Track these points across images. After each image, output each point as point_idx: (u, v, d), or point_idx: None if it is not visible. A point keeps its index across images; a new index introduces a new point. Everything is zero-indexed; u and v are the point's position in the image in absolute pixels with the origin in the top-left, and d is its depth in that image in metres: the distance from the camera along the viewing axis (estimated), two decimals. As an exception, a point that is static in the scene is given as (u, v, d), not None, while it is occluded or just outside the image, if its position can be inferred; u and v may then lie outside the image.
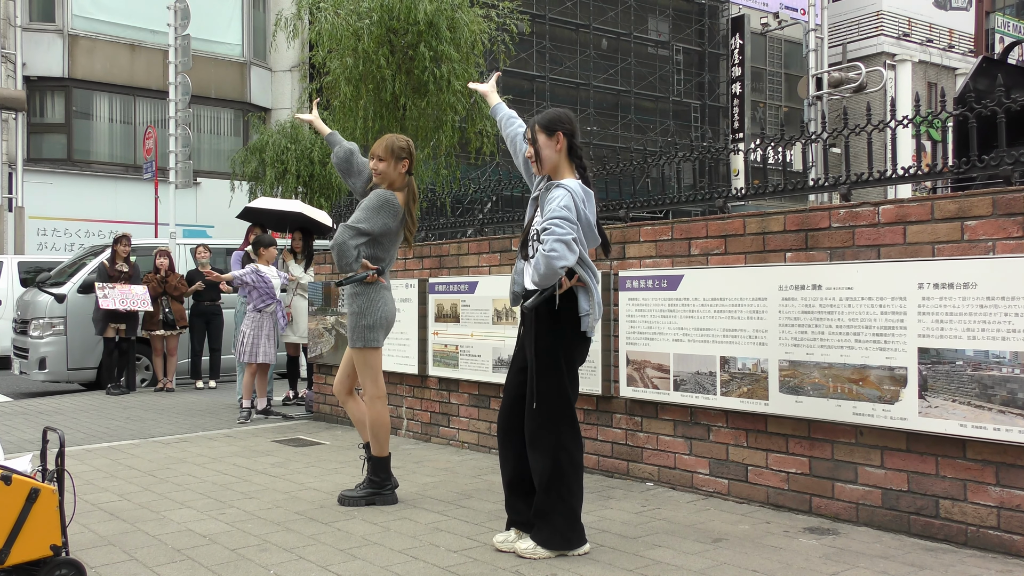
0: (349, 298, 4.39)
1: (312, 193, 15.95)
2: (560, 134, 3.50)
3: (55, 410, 8.29)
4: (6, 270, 13.38)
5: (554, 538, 3.44)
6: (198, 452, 5.93)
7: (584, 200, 3.42)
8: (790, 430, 4.06)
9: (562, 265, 3.27)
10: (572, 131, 3.53)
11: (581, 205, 3.39)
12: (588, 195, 3.46)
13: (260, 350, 7.42)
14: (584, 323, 3.45)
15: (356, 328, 4.33)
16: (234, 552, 3.59)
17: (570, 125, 3.54)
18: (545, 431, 3.44)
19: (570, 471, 3.45)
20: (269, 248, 7.69)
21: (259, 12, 21.05)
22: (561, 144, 3.50)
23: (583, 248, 3.44)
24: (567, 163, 3.54)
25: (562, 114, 3.57)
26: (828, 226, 3.98)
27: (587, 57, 25.49)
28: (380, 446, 4.38)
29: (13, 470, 2.87)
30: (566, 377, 3.49)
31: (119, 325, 9.55)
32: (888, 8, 28.89)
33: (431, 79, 12.76)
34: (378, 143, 4.37)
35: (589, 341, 3.56)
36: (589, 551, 3.47)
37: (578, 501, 3.48)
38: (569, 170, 3.54)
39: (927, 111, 4.12)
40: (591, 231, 3.48)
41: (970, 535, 3.47)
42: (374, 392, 4.37)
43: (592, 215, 3.47)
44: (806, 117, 17.18)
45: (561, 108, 3.69)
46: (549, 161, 3.52)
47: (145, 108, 19.40)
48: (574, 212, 3.35)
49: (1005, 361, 3.32)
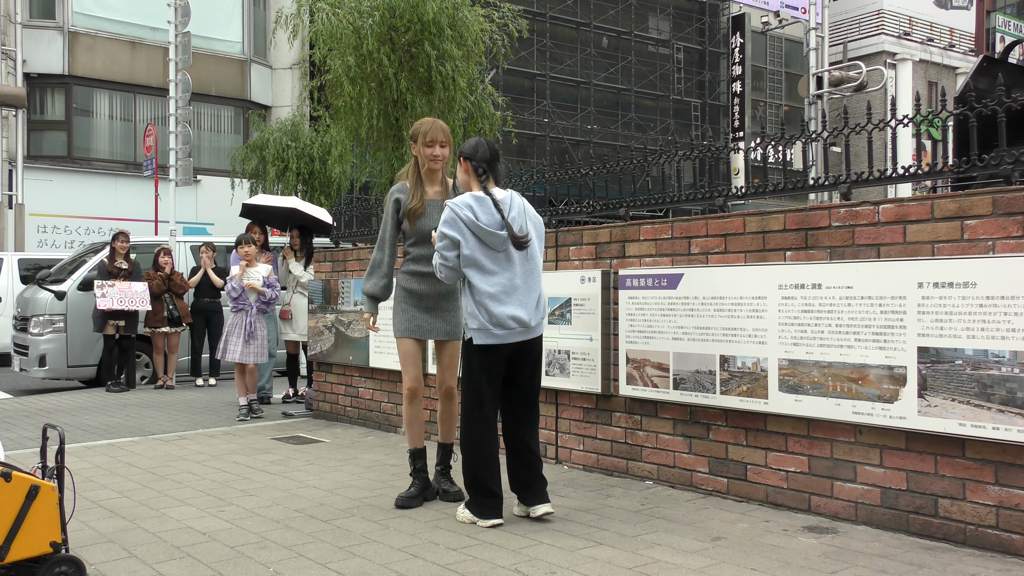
0: (451, 291, 4.43)
1: (312, 191, 15.97)
2: (463, 159, 4.03)
3: (55, 407, 8.30)
4: (6, 267, 13.38)
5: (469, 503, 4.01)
6: (198, 450, 5.93)
7: (471, 206, 3.87)
8: (789, 429, 4.07)
9: (445, 278, 3.97)
10: (470, 155, 4.01)
11: (462, 212, 3.85)
12: (480, 200, 3.90)
13: (228, 347, 7.40)
14: (467, 332, 3.93)
15: (460, 321, 4.35)
16: (234, 549, 3.60)
17: (474, 151, 4.01)
18: (462, 416, 4.07)
19: (471, 455, 4.01)
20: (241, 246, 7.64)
21: (259, 10, 21.04)
22: (466, 166, 4.03)
23: (477, 250, 3.85)
24: (475, 182, 4.00)
25: (467, 143, 4.09)
26: (828, 225, 3.98)
27: (587, 56, 25.49)
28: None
29: (13, 467, 2.87)
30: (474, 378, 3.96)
31: (118, 322, 9.55)
32: (889, 7, 28.88)
33: (436, 77, 12.78)
34: (433, 129, 4.37)
35: (483, 347, 3.90)
36: (493, 526, 3.88)
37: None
38: (476, 186, 3.99)
39: (927, 110, 4.11)
40: (483, 231, 3.85)
41: (969, 534, 3.47)
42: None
43: (488, 216, 3.87)
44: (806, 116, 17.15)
45: (480, 138, 4.26)
46: (463, 183, 4.08)
47: (145, 105, 19.40)
48: (447, 225, 3.87)
49: (1004, 360, 3.32)
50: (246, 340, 7.32)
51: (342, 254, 7.25)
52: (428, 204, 4.40)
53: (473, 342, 3.90)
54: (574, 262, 5.13)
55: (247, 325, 7.34)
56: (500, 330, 3.86)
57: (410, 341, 4.45)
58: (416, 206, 4.39)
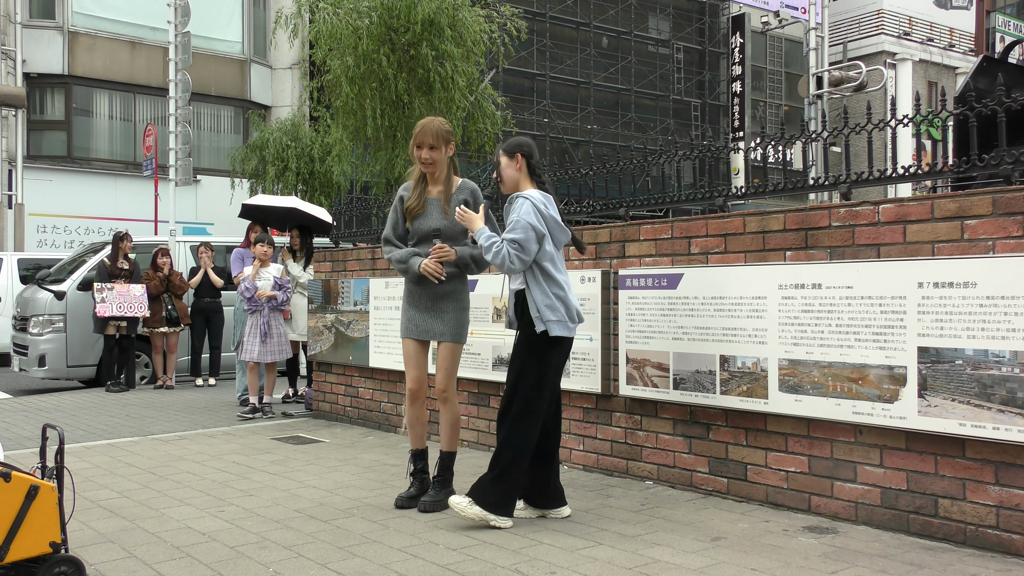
0: (452, 292, 4.33)
1: (312, 191, 15.96)
2: (519, 155, 4.04)
3: (54, 407, 8.29)
4: (6, 267, 13.38)
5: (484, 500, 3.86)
6: (197, 449, 5.93)
7: (545, 203, 3.94)
8: (789, 429, 4.07)
9: (508, 266, 3.85)
10: (530, 153, 4.06)
11: (542, 208, 3.90)
12: (548, 199, 3.99)
13: (246, 348, 7.57)
14: (537, 324, 3.86)
15: (462, 323, 4.33)
16: (233, 550, 3.60)
17: (528, 149, 4.08)
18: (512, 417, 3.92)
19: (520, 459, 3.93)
20: (255, 246, 7.73)
21: (259, 10, 21.03)
22: (520, 164, 4.04)
23: (552, 245, 3.94)
24: (527, 182, 4.04)
25: (522, 140, 4.13)
26: (828, 225, 3.98)
27: (587, 55, 25.48)
28: (456, 439, 4.43)
29: (13, 467, 2.87)
30: (536, 372, 3.92)
31: (119, 322, 9.56)
32: (889, 7, 28.87)
33: (436, 78, 12.79)
34: (422, 131, 4.26)
35: (560, 339, 3.92)
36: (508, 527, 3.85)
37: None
38: (530, 185, 4.04)
39: (927, 110, 4.11)
40: (558, 227, 3.96)
41: (969, 534, 3.47)
42: (455, 387, 4.39)
43: (556, 214, 3.98)
44: (806, 116, 17.14)
45: (524, 136, 4.20)
46: (509, 179, 4.06)
47: (145, 105, 19.39)
48: (534, 216, 3.87)
49: (1004, 360, 3.32)
50: (262, 340, 7.45)
51: (342, 254, 7.25)
52: (428, 204, 4.35)
53: (549, 334, 3.86)
54: (574, 262, 5.13)
55: (261, 325, 7.44)
56: (574, 323, 3.96)
57: (410, 341, 4.42)
58: (414, 205, 4.35)
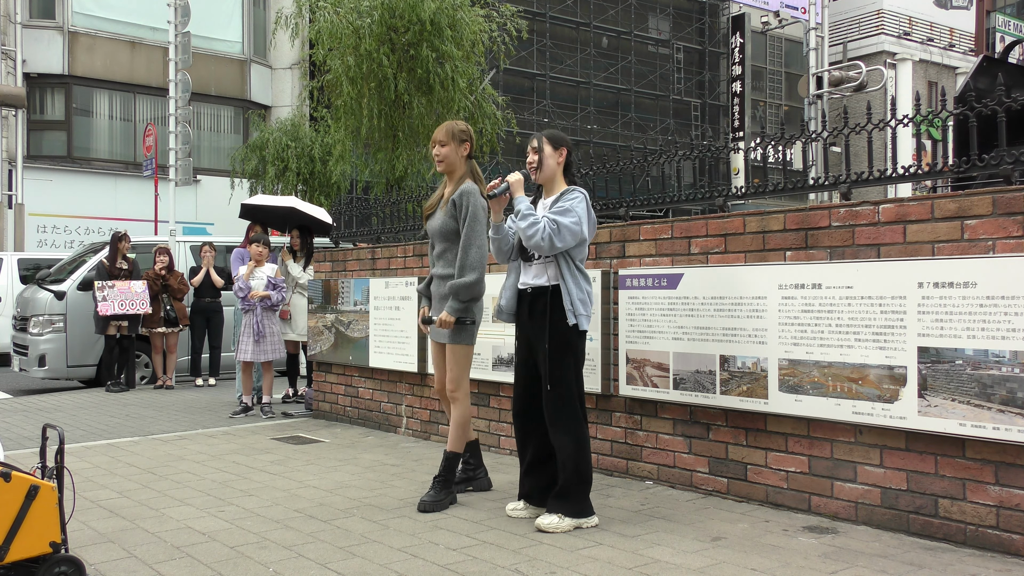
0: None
1: (312, 191, 15.96)
2: (564, 149, 4.00)
3: (55, 407, 8.29)
4: (6, 267, 13.38)
5: (572, 509, 3.80)
6: (197, 449, 5.93)
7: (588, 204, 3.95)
8: (789, 429, 4.06)
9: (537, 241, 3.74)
10: (571, 150, 4.05)
11: (589, 208, 3.93)
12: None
13: (240, 347, 7.58)
14: (569, 317, 3.81)
15: (462, 324, 4.32)
16: (233, 549, 3.60)
17: (571, 145, 4.07)
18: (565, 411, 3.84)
19: (586, 448, 3.86)
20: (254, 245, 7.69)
21: (259, 10, 21.03)
22: (562, 158, 3.99)
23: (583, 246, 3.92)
24: (562, 177, 4.01)
25: (564, 135, 4.10)
26: (828, 225, 3.98)
27: (587, 55, 25.48)
28: (466, 437, 4.43)
29: (13, 467, 2.87)
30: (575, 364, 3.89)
31: (120, 322, 9.56)
32: (889, 7, 28.87)
33: (435, 78, 12.79)
34: (438, 129, 4.38)
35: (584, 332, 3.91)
36: (597, 523, 3.84)
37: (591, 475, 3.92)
38: (564, 183, 4.00)
39: (927, 110, 4.11)
40: (594, 227, 4.00)
41: (969, 534, 3.47)
42: (466, 388, 4.39)
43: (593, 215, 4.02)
44: (806, 116, 17.14)
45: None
46: (549, 168, 3.97)
47: (145, 105, 19.39)
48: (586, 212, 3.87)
49: (1005, 360, 3.32)
50: (256, 340, 7.43)
51: (342, 254, 7.25)
52: (439, 205, 4.42)
53: (579, 328, 3.85)
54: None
55: (255, 325, 7.43)
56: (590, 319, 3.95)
57: (432, 344, 4.58)
58: (426, 204, 4.52)
